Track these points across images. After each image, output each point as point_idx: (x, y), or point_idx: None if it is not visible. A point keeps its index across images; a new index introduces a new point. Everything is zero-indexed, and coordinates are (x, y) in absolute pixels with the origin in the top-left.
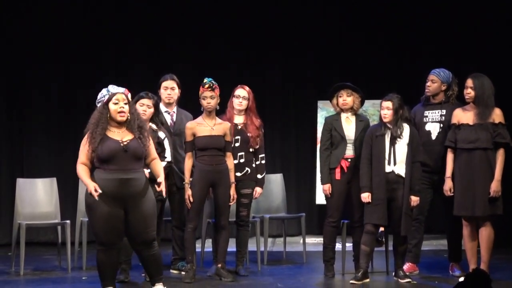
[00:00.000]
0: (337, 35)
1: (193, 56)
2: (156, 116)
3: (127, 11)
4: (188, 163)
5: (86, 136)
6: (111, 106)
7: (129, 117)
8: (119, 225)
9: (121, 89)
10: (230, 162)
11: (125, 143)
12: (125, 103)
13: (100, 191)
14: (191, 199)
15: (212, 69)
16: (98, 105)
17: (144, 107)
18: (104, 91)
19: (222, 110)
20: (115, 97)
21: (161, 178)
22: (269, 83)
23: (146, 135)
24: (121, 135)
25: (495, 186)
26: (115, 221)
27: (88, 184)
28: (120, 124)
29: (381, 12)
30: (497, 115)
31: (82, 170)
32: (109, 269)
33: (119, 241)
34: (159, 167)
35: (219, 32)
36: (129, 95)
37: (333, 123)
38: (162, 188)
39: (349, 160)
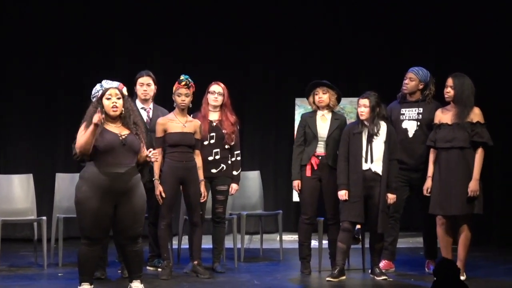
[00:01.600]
0: (317, 33)
1: (172, 51)
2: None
3: (111, 6)
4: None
5: (82, 127)
6: (105, 101)
7: (123, 112)
8: (106, 221)
9: (115, 84)
10: (199, 160)
11: (123, 136)
12: (118, 98)
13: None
14: (163, 195)
15: (191, 64)
16: (93, 100)
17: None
18: (98, 86)
19: (196, 108)
20: (108, 92)
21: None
22: (248, 80)
23: (142, 131)
24: (119, 129)
25: (473, 186)
26: (103, 217)
27: (91, 124)
28: (114, 119)
29: (361, 11)
30: (475, 114)
31: (78, 138)
32: (90, 264)
33: (104, 238)
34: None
35: (200, 28)
36: (124, 89)
37: (307, 120)
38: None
39: (320, 157)
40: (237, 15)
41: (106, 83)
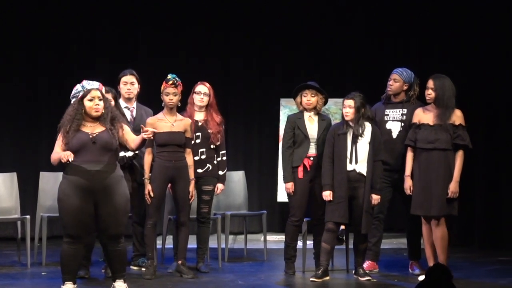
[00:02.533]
0: (302, 33)
1: (155, 50)
2: (117, 110)
3: (93, 2)
4: (148, 158)
5: (60, 133)
6: (86, 102)
7: (103, 112)
8: (88, 219)
9: (96, 84)
10: (190, 158)
11: (94, 135)
12: (100, 99)
13: (72, 157)
14: (152, 194)
15: (177, 64)
16: (73, 100)
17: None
18: (78, 87)
19: (182, 107)
20: (90, 94)
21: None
22: (233, 80)
23: (118, 126)
24: (92, 128)
25: (453, 187)
26: (84, 215)
27: (61, 155)
28: (94, 119)
29: (346, 11)
30: (457, 117)
31: (54, 153)
32: (72, 263)
33: (87, 236)
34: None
35: (184, 27)
36: (103, 89)
37: (296, 122)
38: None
39: (312, 158)
40: (222, 14)
41: (88, 84)
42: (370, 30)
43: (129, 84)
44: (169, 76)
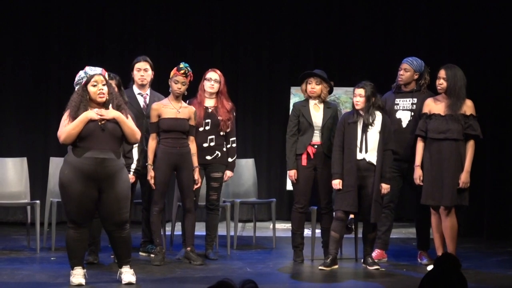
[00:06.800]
0: (312, 21)
1: (167, 38)
2: (120, 96)
3: None
4: (152, 144)
5: (66, 114)
6: (90, 88)
7: (107, 98)
8: (91, 205)
9: (98, 70)
10: (193, 146)
11: (103, 122)
12: (103, 84)
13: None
14: (152, 181)
15: (186, 51)
16: (77, 87)
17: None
18: (81, 73)
19: (190, 95)
20: (93, 79)
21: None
22: (242, 68)
23: (124, 114)
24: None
25: (464, 177)
26: (87, 200)
27: (84, 116)
28: (99, 104)
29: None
30: (468, 107)
31: (62, 131)
32: (78, 248)
33: (90, 221)
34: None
35: (195, 15)
36: (106, 75)
37: (301, 109)
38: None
39: (316, 146)
40: (232, 2)
41: (90, 70)
42: (379, 19)
43: (143, 70)
44: (182, 65)
